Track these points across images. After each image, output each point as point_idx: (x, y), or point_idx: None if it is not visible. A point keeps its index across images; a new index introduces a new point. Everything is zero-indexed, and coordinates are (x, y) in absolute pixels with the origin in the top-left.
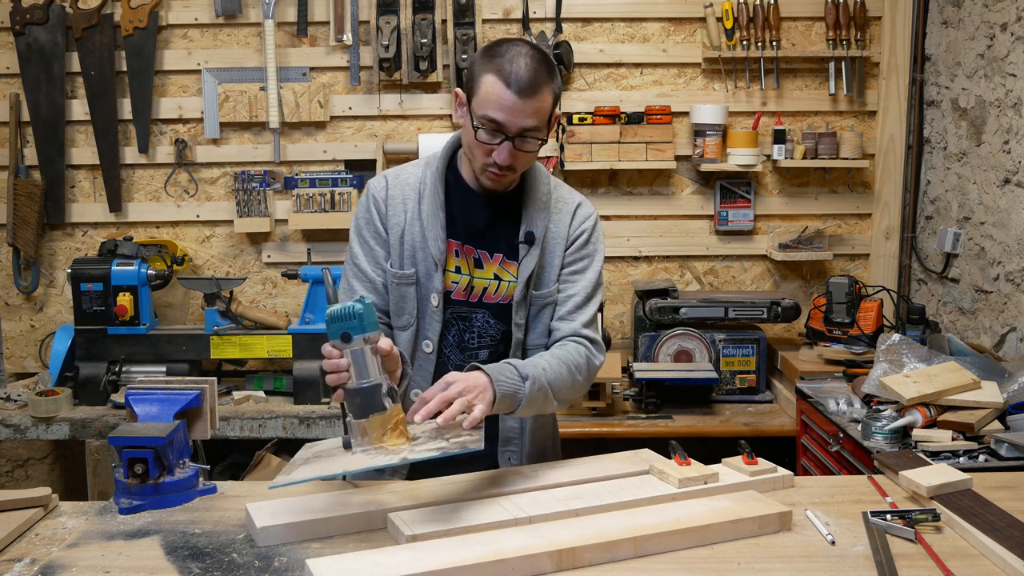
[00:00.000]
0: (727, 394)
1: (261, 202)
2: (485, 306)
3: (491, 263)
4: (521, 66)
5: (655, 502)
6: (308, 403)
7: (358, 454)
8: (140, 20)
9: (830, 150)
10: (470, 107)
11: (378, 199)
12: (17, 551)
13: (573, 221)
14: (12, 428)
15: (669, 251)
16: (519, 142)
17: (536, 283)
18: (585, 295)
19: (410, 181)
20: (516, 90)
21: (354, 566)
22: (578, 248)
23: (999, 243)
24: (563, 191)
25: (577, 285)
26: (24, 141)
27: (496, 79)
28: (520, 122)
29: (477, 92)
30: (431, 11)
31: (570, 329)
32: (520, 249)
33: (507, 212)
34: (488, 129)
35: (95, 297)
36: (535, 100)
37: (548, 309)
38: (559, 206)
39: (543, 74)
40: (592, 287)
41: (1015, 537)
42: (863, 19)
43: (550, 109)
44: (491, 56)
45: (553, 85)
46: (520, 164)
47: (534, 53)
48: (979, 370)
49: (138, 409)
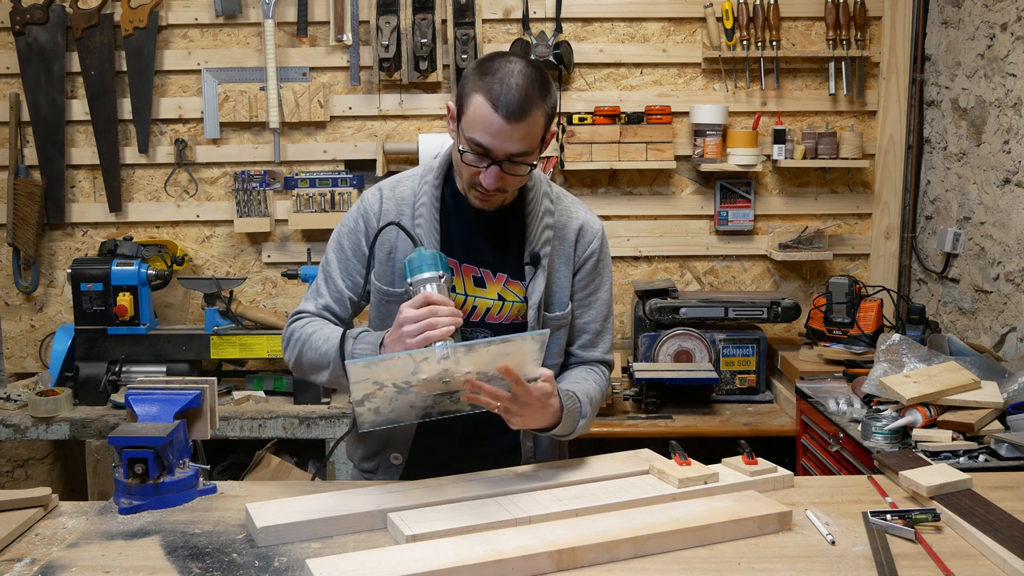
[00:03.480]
0: (727, 394)
1: (261, 202)
2: (487, 326)
3: (494, 283)
4: (511, 87)
5: (655, 502)
6: (308, 403)
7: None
8: (140, 20)
9: (830, 150)
10: (460, 125)
11: (370, 213)
12: (17, 551)
13: (579, 243)
14: (12, 428)
15: (669, 251)
16: (507, 166)
17: (547, 305)
18: (602, 319)
19: (405, 195)
20: (504, 114)
21: (354, 566)
22: (588, 272)
23: (999, 243)
24: (567, 204)
25: (592, 309)
26: (24, 141)
27: (484, 100)
28: (507, 147)
29: (466, 112)
30: (431, 11)
31: (592, 358)
32: (526, 271)
33: (508, 229)
34: (474, 152)
35: (95, 297)
36: (524, 125)
37: (562, 332)
38: (563, 223)
39: (534, 95)
40: (607, 309)
41: (1015, 537)
42: (863, 19)
43: (542, 131)
44: (481, 74)
45: (546, 105)
46: (510, 185)
47: (527, 72)
48: (979, 370)
49: (138, 409)
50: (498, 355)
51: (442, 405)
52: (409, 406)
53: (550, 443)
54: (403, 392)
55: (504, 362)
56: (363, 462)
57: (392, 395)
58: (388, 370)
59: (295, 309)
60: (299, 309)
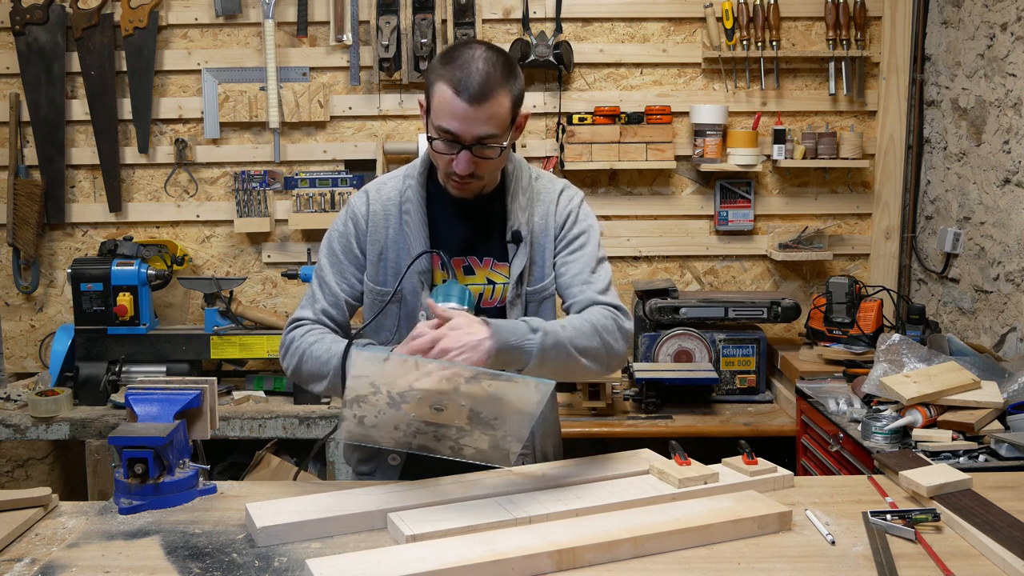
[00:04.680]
0: (727, 394)
1: (261, 202)
2: (482, 311)
3: (482, 268)
4: (471, 72)
5: (655, 502)
6: (308, 403)
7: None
8: (140, 20)
9: (830, 150)
10: (428, 116)
11: (358, 216)
12: (17, 551)
13: (558, 208)
14: (12, 428)
15: (669, 251)
16: (477, 150)
17: (529, 279)
18: (590, 268)
19: (391, 196)
20: (467, 98)
21: (354, 566)
22: (568, 229)
23: (999, 243)
24: (544, 181)
25: (578, 262)
26: (24, 141)
27: (446, 87)
28: (474, 130)
29: (432, 102)
30: (431, 11)
31: (585, 299)
32: (509, 249)
33: (491, 214)
34: (444, 139)
35: (95, 297)
36: (488, 106)
37: (548, 303)
38: (541, 196)
39: (496, 78)
40: (595, 260)
41: (1015, 537)
42: (863, 19)
43: (508, 113)
44: (444, 63)
45: (511, 87)
46: (484, 171)
47: (488, 56)
48: (979, 370)
49: (138, 409)
50: (497, 394)
51: (424, 439)
52: (393, 427)
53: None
54: (394, 407)
55: (501, 406)
56: (360, 464)
57: (383, 407)
58: (390, 372)
59: (292, 317)
60: (296, 316)
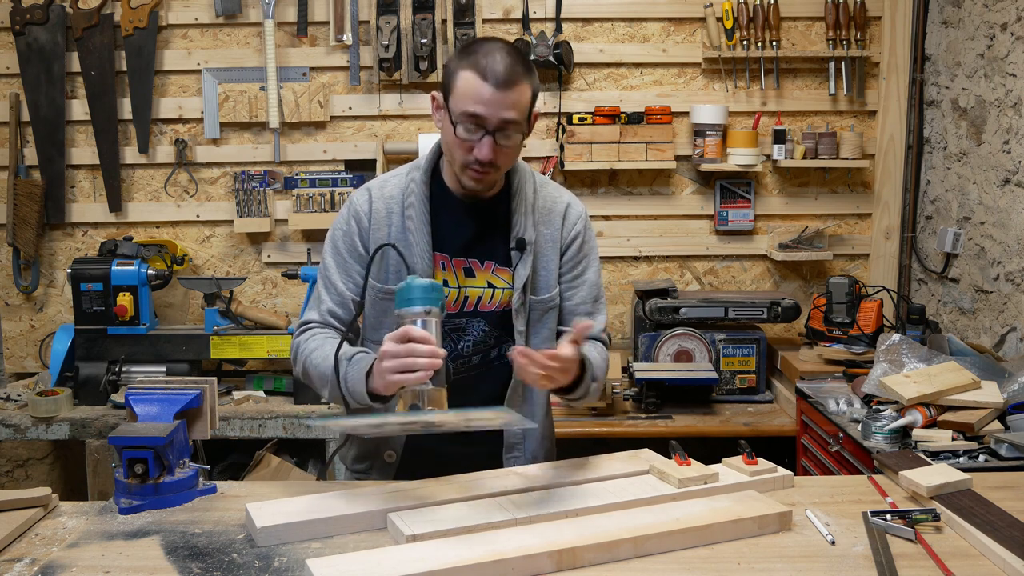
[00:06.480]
0: (727, 394)
1: (261, 202)
2: (480, 315)
3: (483, 271)
4: (496, 60)
5: (655, 502)
6: (308, 403)
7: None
8: (140, 20)
9: (830, 150)
10: (448, 107)
11: (360, 213)
12: (17, 551)
13: (565, 224)
14: (12, 428)
15: (669, 251)
16: (500, 136)
17: (533, 288)
18: (592, 298)
19: (394, 194)
20: (494, 83)
21: (354, 566)
22: (574, 253)
23: (999, 243)
24: (550, 190)
25: (583, 290)
26: (24, 141)
27: (472, 74)
28: (500, 114)
29: (454, 90)
30: (431, 11)
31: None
32: (512, 256)
33: (495, 218)
34: (467, 125)
35: (95, 297)
36: (513, 92)
37: (551, 314)
38: (548, 207)
39: (520, 68)
40: (597, 289)
41: (1015, 537)
42: (863, 19)
43: (529, 103)
44: (467, 54)
45: (530, 81)
46: (502, 160)
47: (510, 49)
48: (979, 370)
49: (138, 409)
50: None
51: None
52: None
53: (540, 441)
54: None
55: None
56: (355, 463)
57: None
58: (362, 423)
59: (300, 319)
60: (304, 319)
